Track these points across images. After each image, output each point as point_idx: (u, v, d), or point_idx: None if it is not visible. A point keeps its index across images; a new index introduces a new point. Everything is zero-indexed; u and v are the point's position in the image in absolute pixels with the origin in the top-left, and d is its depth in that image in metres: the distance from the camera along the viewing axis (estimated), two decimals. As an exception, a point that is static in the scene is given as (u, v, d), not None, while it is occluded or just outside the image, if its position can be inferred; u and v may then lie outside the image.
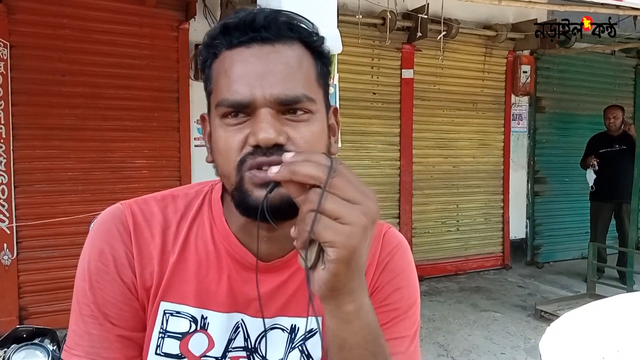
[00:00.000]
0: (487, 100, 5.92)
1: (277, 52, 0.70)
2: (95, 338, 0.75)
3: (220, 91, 0.71)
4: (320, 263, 0.59)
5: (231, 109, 0.69)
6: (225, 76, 0.70)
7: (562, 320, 1.84)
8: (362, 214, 0.56)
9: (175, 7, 4.22)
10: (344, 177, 0.57)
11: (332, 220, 0.56)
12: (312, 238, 0.57)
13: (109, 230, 0.78)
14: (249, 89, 0.68)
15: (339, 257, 0.56)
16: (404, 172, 5.45)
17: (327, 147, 0.76)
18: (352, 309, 0.63)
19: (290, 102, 0.69)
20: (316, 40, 0.74)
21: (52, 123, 3.88)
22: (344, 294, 0.61)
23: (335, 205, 0.56)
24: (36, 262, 3.87)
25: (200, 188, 0.85)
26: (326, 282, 0.59)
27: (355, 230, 0.56)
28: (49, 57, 3.85)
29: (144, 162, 4.23)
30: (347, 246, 0.56)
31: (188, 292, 0.78)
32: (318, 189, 0.56)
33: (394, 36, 4.98)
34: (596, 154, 5.55)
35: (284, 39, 0.71)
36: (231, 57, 0.70)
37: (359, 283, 0.62)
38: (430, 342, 3.92)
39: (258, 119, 0.68)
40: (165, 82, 4.25)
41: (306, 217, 0.57)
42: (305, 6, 2.34)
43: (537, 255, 6.37)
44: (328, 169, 0.57)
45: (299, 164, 0.58)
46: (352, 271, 0.59)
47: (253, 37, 0.69)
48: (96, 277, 0.76)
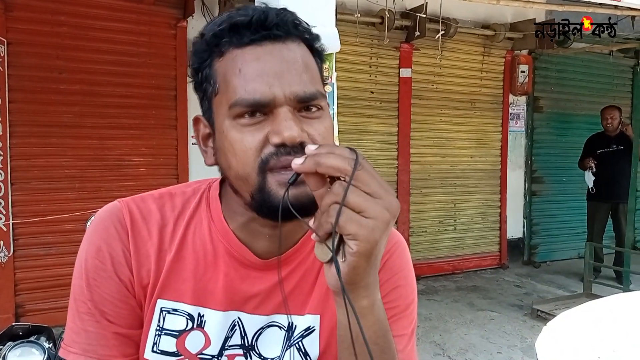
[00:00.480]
0: (485, 99, 5.93)
1: (290, 50, 0.69)
2: (92, 335, 0.75)
3: (235, 91, 0.68)
4: (340, 255, 0.59)
5: (249, 108, 0.68)
6: (238, 75, 0.69)
7: (559, 319, 1.84)
8: (384, 208, 0.57)
9: (173, 5, 4.21)
10: (367, 171, 0.58)
11: (356, 213, 0.56)
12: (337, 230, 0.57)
13: (106, 228, 0.78)
14: (268, 87, 0.67)
15: (361, 250, 0.57)
16: (401, 171, 5.46)
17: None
18: (366, 304, 0.64)
19: (308, 99, 0.69)
20: (316, 39, 0.75)
21: (49, 120, 3.87)
22: (360, 288, 0.62)
23: (360, 199, 0.56)
24: (33, 259, 3.86)
25: (197, 186, 0.85)
26: (345, 275, 0.59)
27: (378, 224, 0.56)
28: (47, 55, 3.84)
29: (141, 160, 4.22)
30: (370, 239, 0.56)
31: (185, 290, 0.78)
32: (343, 182, 0.57)
33: (393, 35, 4.98)
34: (594, 154, 5.55)
35: (292, 37, 0.71)
36: (243, 56, 0.69)
37: (374, 279, 0.63)
38: (426, 341, 3.93)
39: (279, 118, 0.67)
40: (162, 80, 4.25)
41: (330, 209, 0.57)
42: (304, 5, 2.34)
43: (534, 254, 6.38)
44: (354, 161, 0.57)
45: (323, 155, 0.58)
46: (370, 265, 0.59)
47: (265, 35, 0.69)
48: (93, 275, 0.76)
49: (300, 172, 0.60)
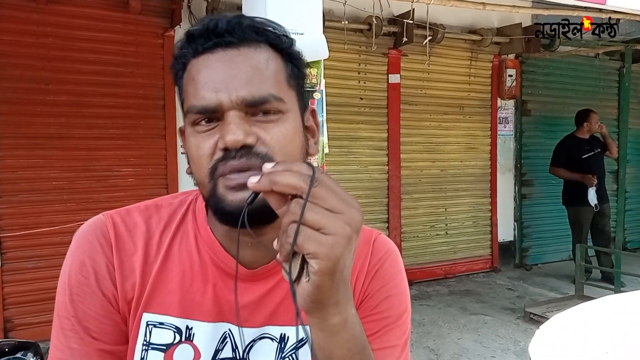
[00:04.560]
0: (474, 104, 5.95)
1: (242, 55, 0.69)
2: (76, 353, 0.74)
3: (188, 99, 0.70)
4: (304, 275, 0.57)
5: (200, 115, 0.69)
6: (192, 83, 0.70)
7: (551, 322, 1.84)
8: (345, 223, 0.55)
9: (160, 14, 4.20)
10: (326, 186, 0.56)
11: (315, 231, 0.54)
12: (295, 250, 0.55)
13: (89, 242, 0.77)
14: (215, 94, 0.67)
15: (323, 268, 0.55)
16: (392, 176, 5.46)
17: (304, 148, 0.75)
18: (338, 321, 0.62)
19: (257, 103, 0.68)
20: (284, 42, 0.73)
21: (36, 132, 3.83)
22: (329, 306, 0.60)
23: (317, 216, 0.54)
24: (21, 272, 3.81)
25: (184, 197, 0.84)
26: (310, 295, 0.57)
27: (339, 241, 0.54)
28: (32, 66, 3.81)
29: (130, 171, 4.19)
30: (331, 257, 0.54)
31: (171, 302, 0.77)
32: (300, 200, 0.55)
33: (380, 41, 5.00)
34: (580, 160, 5.46)
35: (249, 42, 0.70)
36: (197, 65, 0.70)
37: (344, 295, 0.60)
38: (420, 347, 3.92)
39: (226, 122, 0.67)
40: (150, 90, 4.22)
41: (288, 229, 0.55)
42: (291, 12, 2.34)
43: (525, 257, 6.40)
44: (310, 178, 0.55)
45: (279, 173, 0.56)
46: (336, 283, 0.57)
47: (217, 43, 0.69)
48: (77, 290, 0.75)
49: (256, 190, 0.58)
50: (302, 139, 0.74)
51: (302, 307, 0.60)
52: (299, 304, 0.59)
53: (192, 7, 4.25)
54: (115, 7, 4.02)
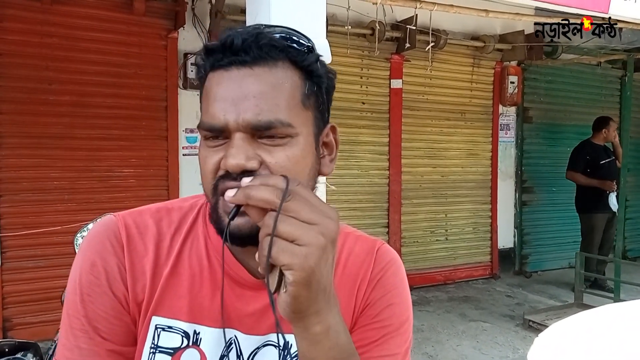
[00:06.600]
0: (475, 110, 5.96)
1: (255, 76, 0.68)
2: (85, 352, 0.74)
3: (203, 113, 0.71)
4: (282, 286, 0.59)
5: (207, 132, 0.70)
6: (206, 98, 0.71)
7: (550, 330, 1.84)
8: (319, 233, 0.57)
9: (163, 16, 4.21)
10: (300, 199, 0.58)
11: (288, 242, 0.56)
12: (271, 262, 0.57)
13: (101, 243, 0.77)
14: (223, 114, 0.67)
15: (297, 279, 0.56)
16: (393, 181, 5.46)
17: (314, 169, 0.74)
18: (319, 330, 0.62)
19: (262, 128, 0.67)
20: (305, 59, 0.71)
21: (38, 132, 3.84)
22: (310, 315, 0.61)
23: (290, 228, 0.56)
24: (21, 272, 3.81)
25: (195, 201, 0.84)
26: (289, 305, 0.59)
27: (312, 251, 0.56)
28: (36, 66, 3.82)
29: (131, 172, 4.19)
30: (305, 268, 0.56)
31: (181, 307, 0.77)
32: (273, 213, 0.57)
33: (383, 47, 5.01)
34: (599, 166, 5.48)
35: (265, 61, 0.68)
36: (212, 79, 0.70)
37: (325, 303, 0.61)
38: (419, 353, 3.91)
39: (230, 144, 0.67)
40: (153, 91, 4.23)
41: (263, 242, 0.57)
42: (294, 16, 2.34)
43: (525, 264, 6.39)
44: (282, 192, 0.57)
45: (254, 187, 0.59)
46: (314, 292, 0.58)
47: (231, 61, 0.69)
48: (87, 290, 0.75)
49: (232, 203, 0.61)
50: (312, 160, 0.73)
51: (284, 317, 0.61)
52: (280, 314, 0.61)
53: (196, 10, 4.27)
54: (119, 9, 4.03)
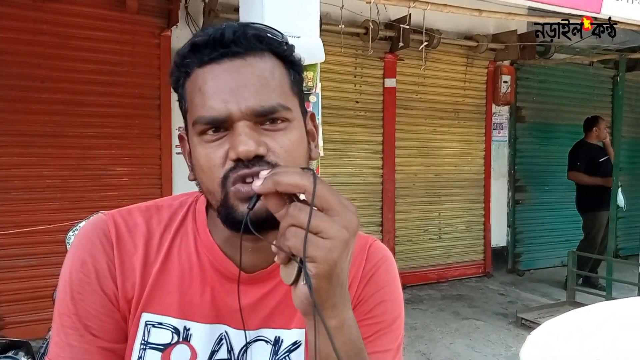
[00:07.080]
0: (469, 109, 5.98)
1: (249, 65, 0.70)
2: (76, 350, 0.74)
3: (196, 109, 0.71)
4: (301, 278, 0.58)
5: (208, 125, 0.69)
6: (199, 94, 0.70)
7: (543, 328, 1.85)
8: (342, 227, 0.56)
9: (157, 14, 4.20)
10: (326, 187, 0.57)
11: (312, 234, 0.55)
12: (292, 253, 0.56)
13: (91, 241, 0.77)
14: (224, 104, 0.68)
15: (320, 272, 0.56)
16: (386, 180, 5.48)
17: (308, 154, 0.76)
18: (335, 324, 0.62)
19: (266, 113, 0.69)
20: (286, 50, 0.74)
21: (31, 130, 3.82)
22: (327, 309, 0.61)
23: (316, 220, 0.55)
24: (13, 271, 3.79)
25: (184, 199, 0.85)
26: (308, 298, 0.58)
27: (336, 245, 0.56)
28: (28, 64, 3.80)
29: (124, 170, 4.18)
30: (328, 261, 0.55)
31: (170, 303, 0.78)
32: (298, 203, 0.56)
33: (377, 46, 5.01)
34: (598, 164, 5.51)
35: (254, 52, 0.71)
36: (203, 75, 0.70)
37: (341, 298, 0.61)
38: (412, 351, 3.92)
39: (236, 133, 0.68)
40: (146, 89, 4.22)
41: (286, 232, 0.56)
42: (288, 15, 2.34)
43: (518, 262, 6.42)
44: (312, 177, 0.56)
45: (281, 173, 0.58)
46: (333, 286, 0.58)
47: (223, 53, 0.70)
48: (77, 289, 0.75)
49: (261, 193, 0.59)
50: (306, 145, 0.75)
51: (299, 309, 0.61)
52: (297, 307, 0.60)
53: (189, 8, 4.25)
54: (112, 7, 4.01)
